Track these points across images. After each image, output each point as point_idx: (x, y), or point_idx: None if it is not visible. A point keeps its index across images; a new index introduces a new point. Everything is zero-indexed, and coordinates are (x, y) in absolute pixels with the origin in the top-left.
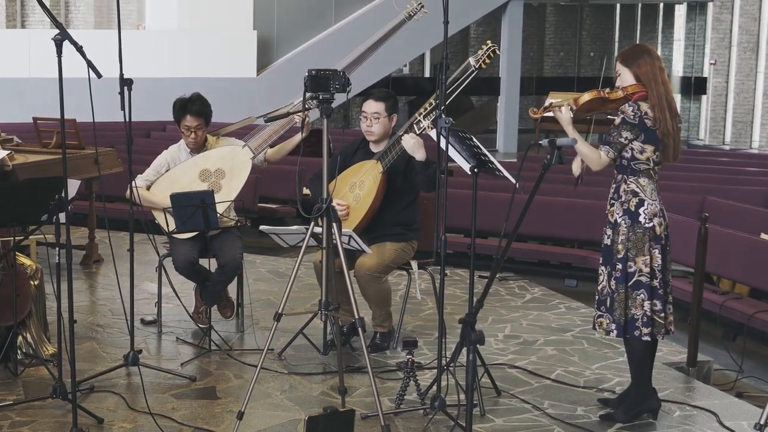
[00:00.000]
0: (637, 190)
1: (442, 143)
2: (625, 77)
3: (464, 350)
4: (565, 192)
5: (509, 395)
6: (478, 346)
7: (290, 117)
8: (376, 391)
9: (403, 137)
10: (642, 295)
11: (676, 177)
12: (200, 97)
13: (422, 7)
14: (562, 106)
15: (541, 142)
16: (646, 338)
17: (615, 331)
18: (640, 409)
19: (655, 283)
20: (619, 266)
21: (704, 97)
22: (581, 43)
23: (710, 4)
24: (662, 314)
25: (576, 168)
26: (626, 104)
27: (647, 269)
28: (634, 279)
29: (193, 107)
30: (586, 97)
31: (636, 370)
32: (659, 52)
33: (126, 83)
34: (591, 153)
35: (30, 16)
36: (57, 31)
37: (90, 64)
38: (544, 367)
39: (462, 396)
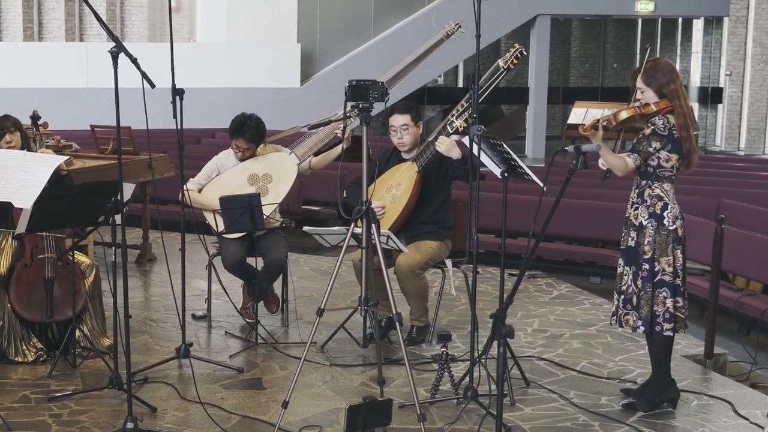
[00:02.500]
0: (662, 194)
1: (475, 149)
2: (648, 95)
3: (495, 343)
4: (590, 195)
5: (537, 386)
6: (508, 339)
7: (333, 127)
8: (413, 382)
9: (437, 141)
10: (664, 293)
11: (694, 181)
12: (258, 122)
13: (459, 27)
14: (599, 126)
15: (567, 148)
16: (668, 333)
17: (642, 327)
18: (660, 398)
19: (678, 281)
20: (646, 266)
21: (720, 106)
22: (605, 55)
23: (726, 19)
24: (683, 310)
25: (603, 163)
26: (656, 117)
27: (670, 269)
28: (658, 278)
29: (248, 132)
30: (624, 114)
31: (657, 362)
32: (678, 64)
33: (178, 93)
34: (617, 161)
35: (88, 30)
36: (113, 44)
37: (144, 75)
38: (570, 360)
39: (493, 386)
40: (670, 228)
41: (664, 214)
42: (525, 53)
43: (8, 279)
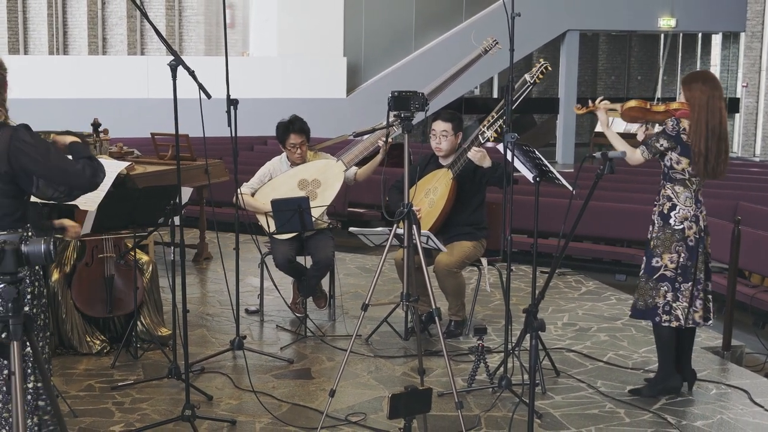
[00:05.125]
0: (672, 195)
1: (509, 155)
2: (683, 96)
3: (528, 336)
4: (616, 198)
5: (567, 375)
6: (539, 332)
7: (377, 135)
8: (451, 372)
9: (469, 152)
10: (665, 287)
11: (713, 185)
12: (298, 117)
13: (497, 43)
14: (603, 108)
15: (594, 154)
16: (666, 324)
17: (631, 312)
18: (662, 386)
19: (679, 279)
20: (648, 259)
21: (737, 115)
22: (629, 68)
23: (743, 34)
24: (683, 306)
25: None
26: (670, 118)
27: (672, 265)
28: (660, 273)
29: (294, 126)
30: (631, 103)
31: (661, 352)
32: None
33: (232, 103)
34: (630, 152)
35: (148, 44)
36: (172, 57)
37: (201, 87)
38: (597, 351)
39: (526, 376)
40: (676, 228)
41: (671, 214)
42: (550, 68)
43: (70, 277)
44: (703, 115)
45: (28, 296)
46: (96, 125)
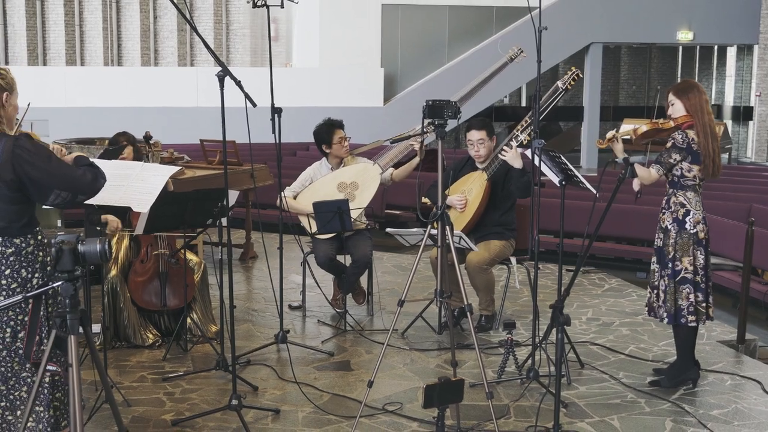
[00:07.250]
0: (684, 202)
1: (536, 160)
2: (677, 107)
3: (554, 330)
4: (637, 200)
5: (591, 367)
6: (565, 327)
7: (410, 142)
8: (482, 364)
9: (503, 150)
10: (687, 289)
11: (728, 188)
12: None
13: (521, 51)
14: (617, 139)
15: (617, 159)
16: (692, 324)
17: (666, 319)
18: (682, 378)
19: (698, 278)
20: (670, 265)
21: (751, 123)
22: (650, 78)
23: (756, 47)
24: (704, 304)
25: (636, 186)
26: (677, 132)
27: (691, 267)
28: (681, 275)
29: (337, 123)
30: (643, 128)
31: (681, 347)
32: (714, 87)
33: (276, 111)
34: (643, 172)
35: (198, 56)
36: (220, 68)
37: (247, 96)
38: (620, 344)
39: (552, 368)
40: (691, 231)
41: (686, 219)
42: (581, 75)
43: (127, 273)
44: (705, 120)
45: (51, 291)
46: (147, 138)
